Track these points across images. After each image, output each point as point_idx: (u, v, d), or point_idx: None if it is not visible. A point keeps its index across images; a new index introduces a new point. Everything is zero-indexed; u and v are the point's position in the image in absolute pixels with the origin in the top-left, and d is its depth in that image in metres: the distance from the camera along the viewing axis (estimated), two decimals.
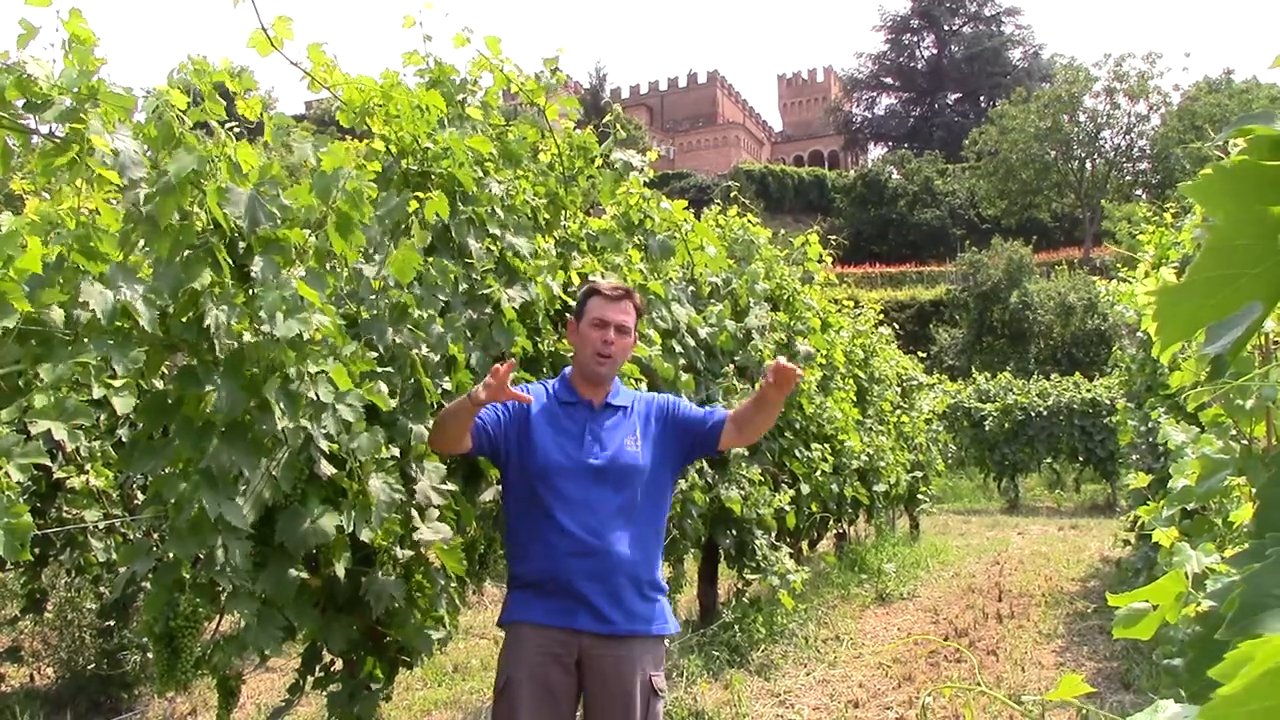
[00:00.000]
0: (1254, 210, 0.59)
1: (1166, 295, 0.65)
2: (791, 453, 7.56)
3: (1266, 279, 0.62)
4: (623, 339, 3.44)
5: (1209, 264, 0.63)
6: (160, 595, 2.86)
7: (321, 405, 2.93)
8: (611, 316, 3.42)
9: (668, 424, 3.50)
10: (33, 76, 2.57)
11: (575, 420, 3.39)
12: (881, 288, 49.37)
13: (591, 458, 3.31)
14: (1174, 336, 0.68)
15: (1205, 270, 0.64)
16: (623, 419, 3.45)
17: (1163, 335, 0.69)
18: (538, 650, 3.23)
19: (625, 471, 3.34)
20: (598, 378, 3.44)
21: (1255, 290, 0.63)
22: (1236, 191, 0.61)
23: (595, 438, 3.36)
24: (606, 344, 3.40)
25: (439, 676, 6.79)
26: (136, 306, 2.50)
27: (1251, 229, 0.58)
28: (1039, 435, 19.28)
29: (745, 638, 7.02)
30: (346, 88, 3.85)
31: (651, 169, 5.31)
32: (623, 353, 3.47)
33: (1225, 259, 0.62)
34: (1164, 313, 0.67)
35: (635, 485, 3.35)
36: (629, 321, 3.47)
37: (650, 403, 3.56)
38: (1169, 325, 0.67)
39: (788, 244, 8.60)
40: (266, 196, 2.82)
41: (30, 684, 6.37)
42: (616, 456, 3.34)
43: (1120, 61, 56.80)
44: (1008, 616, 8.56)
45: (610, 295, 3.47)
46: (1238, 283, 0.63)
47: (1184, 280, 0.65)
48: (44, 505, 5.38)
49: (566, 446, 3.33)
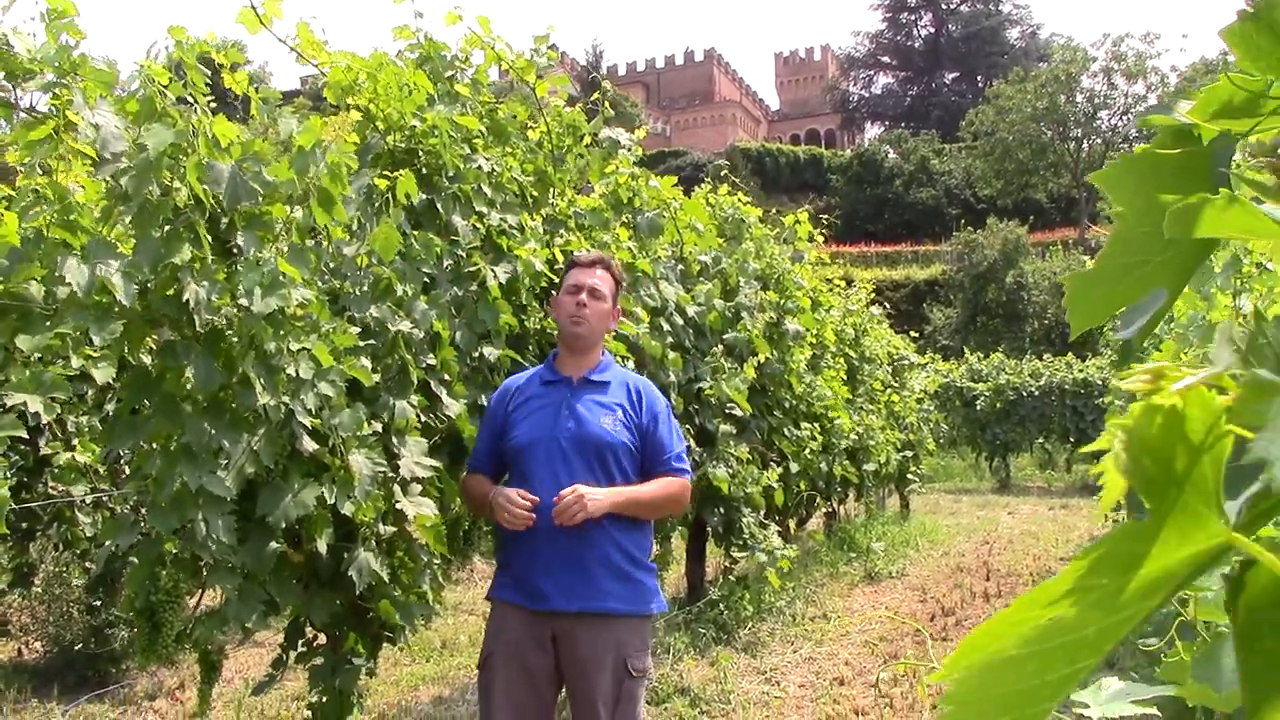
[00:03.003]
0: (1156, 199, 0.60)
1: (1077, 281, 0.67)
2: (780, 431, 7.58)
3: (1171, 266, 0.63)
4: (596, 303, 3.45)
5: (1116, 251, 0.64)
6: (142, 570, 2.88)
7: (302, 381, 2.94)
8: (584, 280, 3.46)
9: (645, 428, 3.43)
10: (13, 49, 2.57)
11: (553, 397, 3.40)
12: (876, 267, 49.35)
13: (564, 432, 3.30)
14: (1084, 322, 0.70)
15: (1113, 258, 0.65)
16: (603, 395, 3.42)
17: (1074, 320, 0.70)
18: (516, 629, 3.26)
19: (599, 446, 3.30)
20: (576, 341, 3.44)
21: (1160, 278, 0.64)
22: (1140, 181, 0.62)
23: (571, 412, 3.34)
24: (579, 306, 3.41)
25: (426, 652, 6.82)
26: (114, 281, 2.50)
27: (1155, 218, 0.59)
28: (1030, 415, 19.33)
29: (732, 615, 7.06)
30: (333, 68, 3.84)
31: (642, 148, 5.31)
32: (598, 318, 3.46)
33: (1131, 247, 0.63)
34: (1074, 298, 0.68)
35: (609, 461, 3.31)
36: (603, 287, 3.48)
37: (640, 391, 3.49)
38: (1079, 310, 0.69)
39: (778, 223, 8.60)
40: (249, 172, 2.82)
41: (18, 658, 6.40)
42: (590, 430, 3.31)
43: (1118, 42, 56.64)
44: (995, 596, 8.61)
45: (584, 263, 3.54)
46: (1144, 269, 0.64)
47: (1093, 267, 0.66)
48: (31, 480, 5.39)
49: (542, 423, 3.34)
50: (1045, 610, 0.48)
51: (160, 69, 2.78)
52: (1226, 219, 0.49)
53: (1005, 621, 0.49)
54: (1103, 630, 0.48)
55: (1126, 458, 0.47)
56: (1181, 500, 0.45)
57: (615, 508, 3.21)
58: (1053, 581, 0.48)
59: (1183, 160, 0.61)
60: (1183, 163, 0.61)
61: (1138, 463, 0.47)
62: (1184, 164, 0.61)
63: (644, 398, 3.48)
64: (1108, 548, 0.47)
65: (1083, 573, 0.47)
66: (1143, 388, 0.50)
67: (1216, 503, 0.45)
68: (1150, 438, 0.47)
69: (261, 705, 5.50)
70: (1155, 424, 0.47)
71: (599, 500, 3.14)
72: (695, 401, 6.09)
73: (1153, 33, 56.62)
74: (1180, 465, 0.45)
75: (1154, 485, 0.46)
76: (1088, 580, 0.47)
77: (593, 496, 3.13)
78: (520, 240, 4.25)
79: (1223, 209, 0.49)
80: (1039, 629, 0.48)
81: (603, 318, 3.50)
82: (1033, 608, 0.48)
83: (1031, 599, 0.48)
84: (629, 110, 65.85)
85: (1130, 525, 0.46)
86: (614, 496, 3.21)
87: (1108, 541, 0.46)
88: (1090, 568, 0.47)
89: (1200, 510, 0.45)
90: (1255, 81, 0.59)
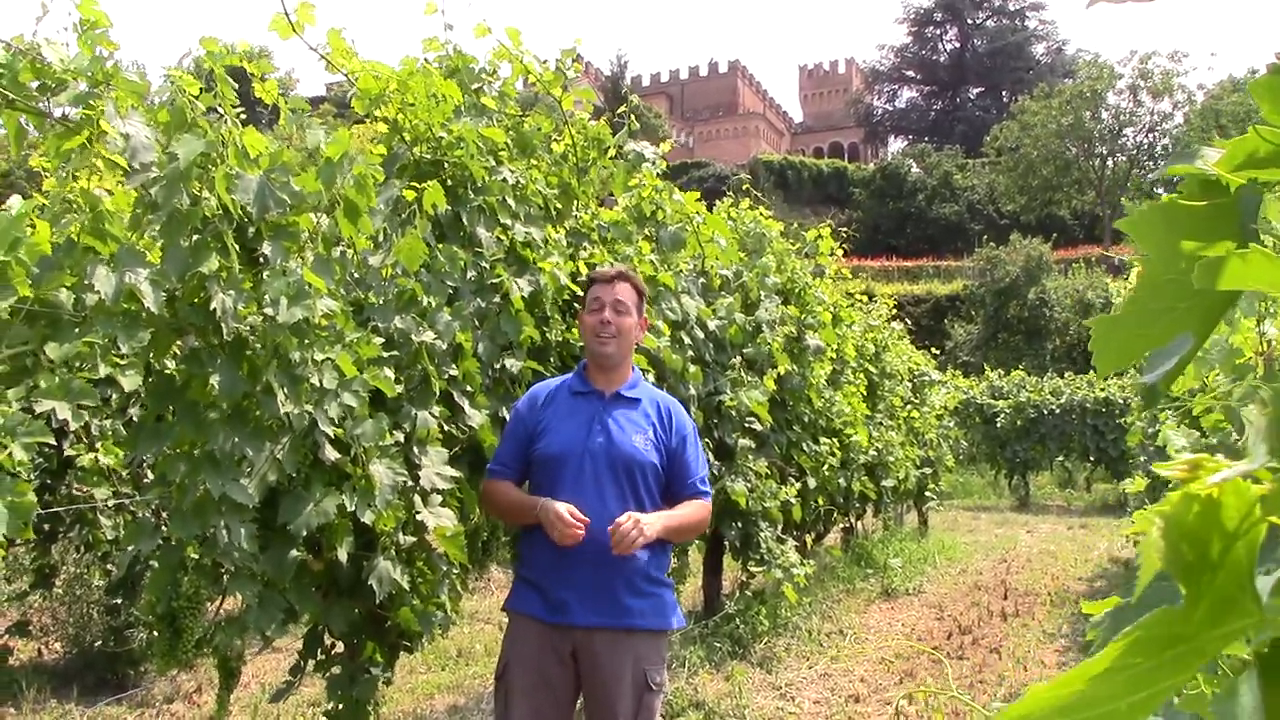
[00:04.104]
0: (1182, 247, 0.61)
1: (1103, 325, 0.67)
2: (799, 446, 7.57)
3: (1197, 312, 0.64)
4: (621, 318, 3.43)
5: (1142, 296, 0.65)
6: (163, 576, 2.90)
7: (325, 391, 2.96)
8: (606, 295, 3.45)
9: (673, 449, 3.45)
10: (47, 60, 2.60)
11: (585, 410, 3.40)
12: (898, 281, 49.23)
13: (594, 446, 3.31)
14: (1110, 365, 0.70)
15: (1139, 302, 0.66)
16: (635, 412, 3.43)
17: (1100, 363, 0.71)
18: (535, 641, 3.27)
19: (628, 462, 3.32)
20: (604, 359, 3.44)
21: (1187, 323, 0.65)
22: (1167, 228, 0.62)
23: (602, 426, 3.35)
24: (604, 324, 3.41)
25: (442, 661, 6.83)
26: (142, 289, 2.53)
27: (1181, 264, 0.60)
28: (1051, 433, 19.22)
29: (748, 630, 7.04)
30: (363, 75, 3.87)
31: (665, 161, 5.32)
32: (625, 332, 3.45)
33: (1157, 292, 0.64)
34: (1100, 341, 0.69)
35: (637, 477, 3.33)
36: (627, 300, 3.46)
37: (671, 411, 3.51)
38: (1105, 353, 0.69)
39: (800, 237, 8.59)
40: (277, 183, 2.84)
41: (38, 659, 6.44)
42: (620, 446, 3.32)
43: (1145, 59, 56.43)
44: (1012, 615, 8.56)
45: (604, 278, 3.52)
46: (1170, 315, 0.65)
47: (1119, 311, 0.67)
48: (54, 482, 5.44)
49: (573, 435, 3.34)
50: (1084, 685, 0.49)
51: (191, 79, 2.81)
52: (1252, 272, 0.50)
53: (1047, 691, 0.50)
54: (1134, 705, 0.49)
55: (1165, 544, 0.48)
56: (1216, 584, 0.46)
57: (661, 534, 3.24)
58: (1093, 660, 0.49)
59: (1209, 210, 0.62)
60: (1209, 212, 0.62)
61: (1175, 549, 0.48)
62: (1210, 213, 0.62)
63: (674, 419, 3.49)
64: (1144, 631, 0.48)
65: (1120, 653, 0.49)
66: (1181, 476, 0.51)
67: (1250, 586, 0.46)
68: (1187, 525, 0.48)
69: (278, 711, 5.53)
70: (1192, 512, 0.48)
71: (653, 526, 3.17)
72: (715, 415, 6.10)
73: (1180, 51, 56.42)
74: (1215, 551, 0.47)
75: (1190, 571, 0.47)
76: (1125, 660, 0.49)
77: (647, 522, 3.14)
78: (544, 253, 4.27)
79: (1248, 262, 0.50)
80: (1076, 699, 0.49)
81: (629, 332, 3.48)
82: (1073, 683, 0.50)
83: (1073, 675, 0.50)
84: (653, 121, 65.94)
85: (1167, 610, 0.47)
86: (661, 522, 3.24)
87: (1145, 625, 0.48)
88: (1128, 648, 0.49)
89: (1234, 594, 0.46)
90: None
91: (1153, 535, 0.49)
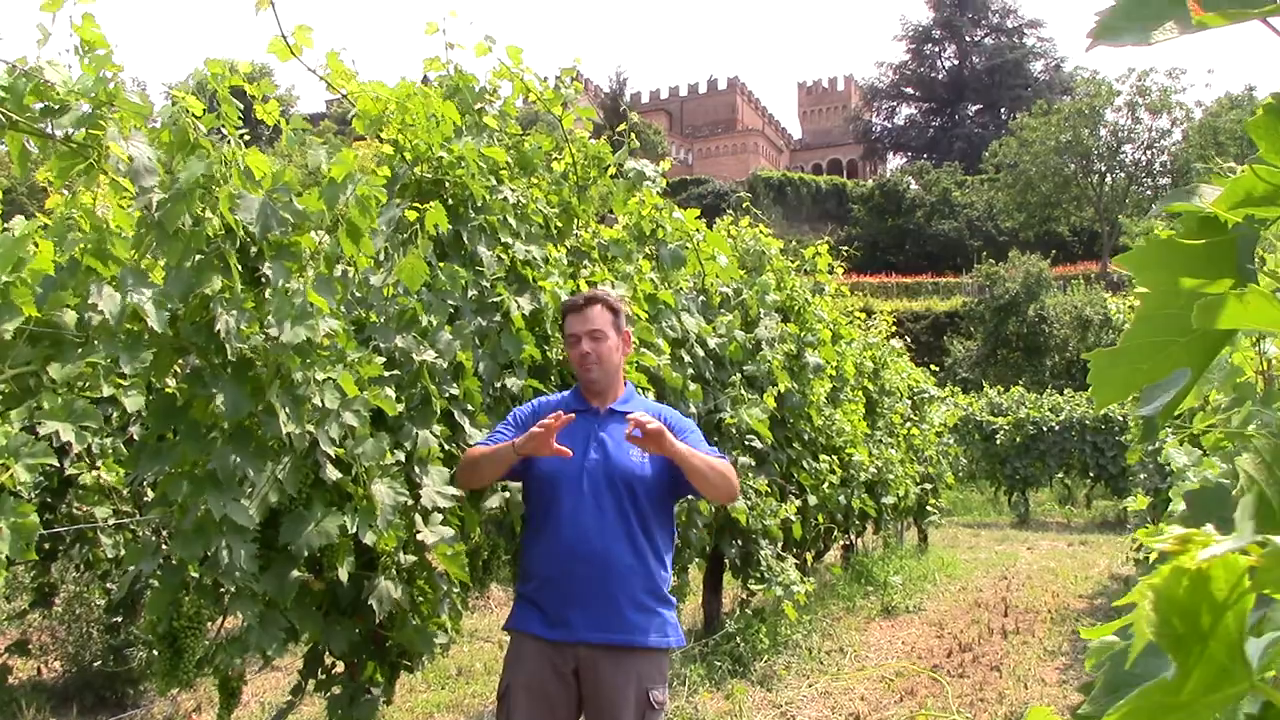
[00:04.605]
0: (1180, 284, 0.61)
1: (1101, 358, 0.68)
2: (799, 464, 7.57)
3: (1195, 347, 0.65)
4: (599, 344, 3.45)
5: (1141, 331, 0.66)
6: (164, 595, 2.90)
7: (327, 411, 2.96)
8: (580, 328, 3.47)
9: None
10: (50, 82, 2.62)
11: (581, 427, 3.40)
12: (897, 298, 49.31)
13: (590, 462, 3.32)
14: (1109, 398, 0.71)
15: (1137, 337, 0.67)
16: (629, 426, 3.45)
17: (1098, 396, 0.72)
18: (536, 659, 3.27)
19: (626, 477, 3.33)
20: (592, 385, 3.47)
21: (1184, 358, 0.66)
22: (1165, 264, 0.63)
23: (599, 443, 3.37)
24: (584, 357, 3.45)
25: (442, 680, 6.81)
26: (146, 309, 2.54)
27: (1179, 301, 0.61)
28: (1050, 450, 19.21)
29: (748, 648, 7.03)
30: (362, 97, 3.89)
31: (664, 179, 5.33)
32: (606, 356, 3.47)
33: (1155, 327, 0.65)
34: (1098, 375, 0.70)
35: (637, 492, 3.34)
36: (601, 325, 3.47)
37: (665, 419, 3.49)
38: (1104, 387, 0.70)
39: (799, 254, 8.61)
40: (280, 203, 2.85)
41: (37, 678, 6.42)
42: (617, 461, 3.34)
43: (1143, 76, 56.54)
44: (1013, 632, 8.55)
45: (575, 307, 3.53)
46: (1168, 350, 0.66)
47: (1118, 345, 0.68)
48: (55, 500, 5.43)
49: None
50: None
51: (194, 100, 2.83)
52: (1250, 312, 0.51)
53: None
54: None
55: (1156, 617, 0.49)
56: (1207, 654, 0.47)
57: (680, 456, 3.23)
58: None
59: (1207, 248, 0.63)
60: (1207, 250, 0.63)
61: (1166, 622, 0.49)
62: (1208, 251, 0.63)
63: (672, 424, 3.48)
64: (1138, 702, 0.50)
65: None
66: (1171, 549, 0.52)
67: (1240, 654, 0.47)
68: (1178, 598, 0.49)
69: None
70: (1182, 585, 0.49)
71: (675, 444, 3.19)
72: (715, 433, 6.10)
73: (1178, 68, 56.52)
74: (1206, 622, 0.48)
75: (1181, 643, 0.48)
76: None
77: (670, 438, 3.16)
78: (544, 272, 4.28)
79: (1247, 303, 0.51)
80: None
81: (611, 355, 3.50)
82: None
83: None
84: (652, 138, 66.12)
85: (1160, 682, 0.48)
86: (681, 447, 3.24)
87: (1139, 696, 0.48)
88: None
89: (1224, 662, 0.47)
90: (1279, 174, 0.61)
91: (1144, 608, 0.50)
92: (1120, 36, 0.64)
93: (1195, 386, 2.33)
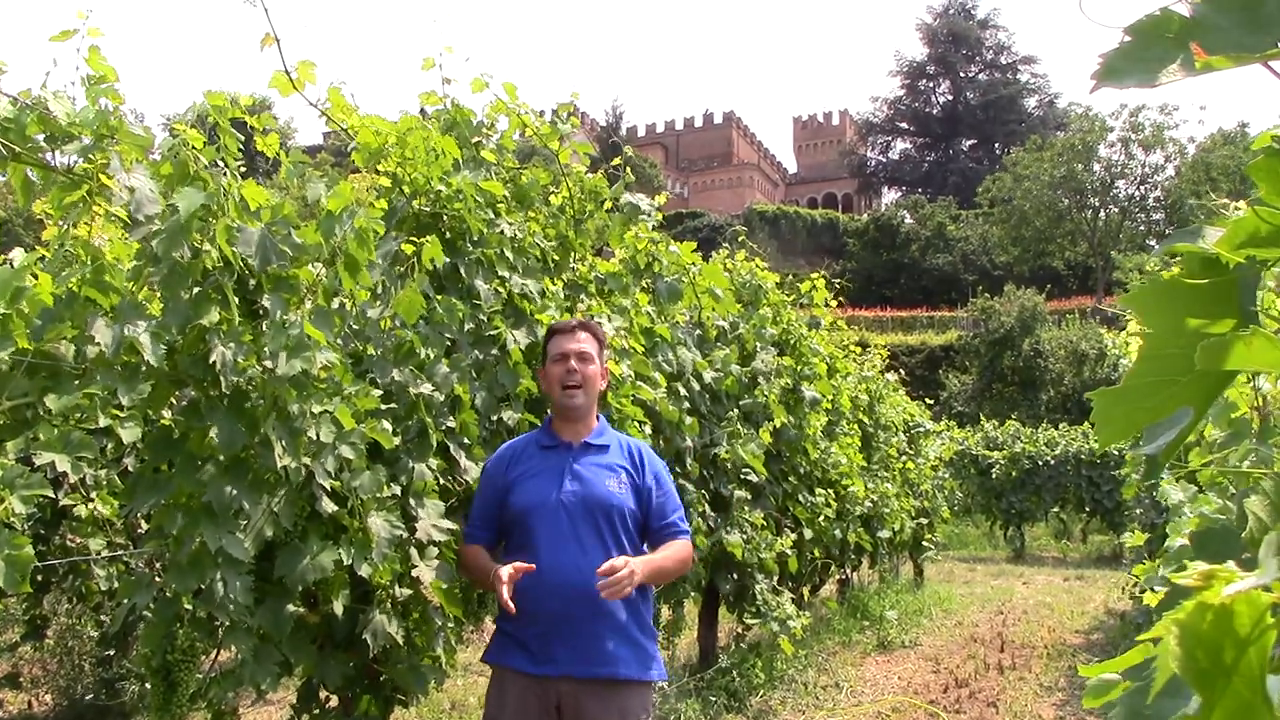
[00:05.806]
0: (1183, 324, 0.62)
1: (1105, 397, 0.69)
2: (795, 497, 7.56)
3: (1197, 386, 0.65)
4: (585, 366, 3.45)
5: (1144, 370, 0.67)
6: (159, 628, 2.88)
7: (323, 444, 2.96)
8: (569, 347, 3.46)
9: (648, 489, 3.46)
10: (53, 113, 2.63)
11: (554, 462, 3.40)
12: (892, 332, 49.36)
13: (567, 495, 3.31)
14: (1112, 436, 0.72)
15: (1141, 376, 0.67)
16: (604, 457, 3.44)
17: (1101, 435, 0.72)
18: (518, 695, 3.24)
19: (604, 509, 3.31)
20: (572, 411, 3.45)
21: (1187, 396, 0.66)
22: (1168, 304, 0.64)
23: (574, 476, 3.35)
24: (570, 374, 3.43)
25: (436, 714, 6.77)
26: (142, 341, 2.54)
27: (1181, 340, 0.61)
28: (1046, 484, 19.19)
29: (744, 683, 6.99)
30: (363, 131, 3.91)
31: (660, 212, 5.35)
32: (590, 380, 3.47)
33: (1158, 366, 0.65)
34: (1102, 414, 0.70)
35: (616, 524, 3.32)
36: (589, 349, 3.48)
37: (642, 453, 3.52)
38: (1107, 426, 0.70)
39: (794, 288, 8.63)
40: (278, 235, 2.86)
41: (28, 711, 6.37)
42: (593, 493, 3.32)
43: (1135, 112, 56.94)
44: (1009, 668, 8.51)
45: (565, 329, 3.54)
46: (1171, 389, 0.66)
47: (1121, 384, 0.68)
48: (48, 532, 5.41)
49: (544, 487, 3.34)
50: None
51: (195, 133, 2.84)
52: (1254, 354, 0.52)
53: None
54: None
55: (1180, 651, 0.49)
56: (1231, 689, 0.47)
57: (647, 578, 3.21)
58: None
59: (1210, 288, 0.63)
60: (1210, 290, 0.63)
61: (1190, 656, 0.50)
62: (1211, 291, 0.63)
63: (645, 460, 3.50)
64: None
65: None
66: (1195, 585, 0.52)
67: (1262, 688, 0.47)
68: (1202, 633, 0.49)
69: None
70: (1206, 620, 0.49)
71: (640, 571, 3.12)
72: (710, 467, 6.09)
73: (1170, 104, 56.81)
74: (1229, 657, 0.48)
75: (1205, 677, 0.48)
76: None
77: (634, 566, 3.09)
78: (541, 305, 4.29)
79: (1251, 345, 0.51)
80: None
81: (594, 380, 3.50)
82: None
83: None
84: (648, 171, 66.35)
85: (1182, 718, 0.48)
86: (646, 567, 3.21)
87: None
88: None
89: (1247, 696, 0.47)
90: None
91: (1169, 643, 0.50)
92: (1124, 79, 0.65)
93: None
